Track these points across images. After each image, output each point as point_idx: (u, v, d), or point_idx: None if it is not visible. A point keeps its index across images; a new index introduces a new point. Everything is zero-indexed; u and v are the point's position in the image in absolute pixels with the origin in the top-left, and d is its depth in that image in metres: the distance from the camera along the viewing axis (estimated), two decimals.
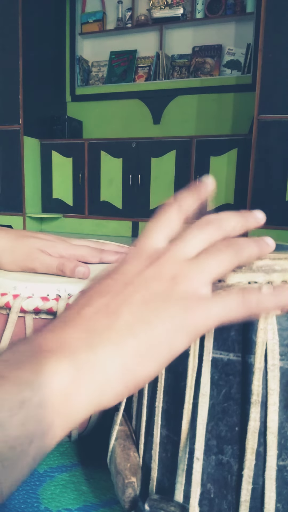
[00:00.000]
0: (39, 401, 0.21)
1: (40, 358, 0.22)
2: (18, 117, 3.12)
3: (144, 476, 0.35)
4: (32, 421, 0.20)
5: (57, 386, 0.22)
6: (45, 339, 0.24)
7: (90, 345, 0.24)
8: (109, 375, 0.24)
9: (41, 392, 0.21)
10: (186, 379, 0.30)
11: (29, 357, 0.22)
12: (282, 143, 2.59)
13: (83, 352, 0.23)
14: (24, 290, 0.43)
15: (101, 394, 0.23)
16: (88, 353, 0.23)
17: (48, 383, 0.21)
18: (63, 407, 0.22)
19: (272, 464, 0.28)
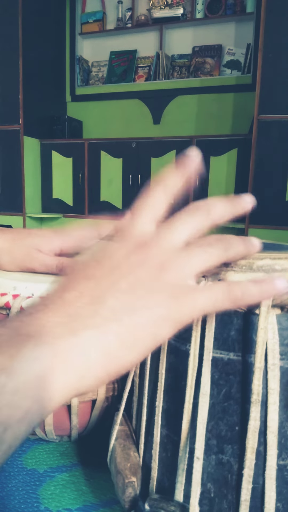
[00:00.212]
0: (14, 387, 0.20)
1: (16, 343, 0.22)
2: (18, 117, 3.12)
3: (144, 475, 0.35)
4: (6, 409, 0.20)
5: (34, 372, 0.21)
6: (23, 322, 0.23)
7: (71, 330, 0.23)
8: (90, 360, 0.23)
9: (16, 378, 0.20)
10: (186, 378, 0.30)
11: (5, 341, 0.22)
12: (282, 143, 2.59)
13: (63, 337, 0.23)
14: (24, 290, 0.44)
15: (81, 379, 0.23)
16: (69, 338, 0.23)
17: (24, 368, 0.21)
18: (40, 393, 0.21)
19: (272, 464, 0.28)
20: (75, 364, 0.23)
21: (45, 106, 3.43)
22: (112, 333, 0.24)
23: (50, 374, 0.22)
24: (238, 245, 0.28)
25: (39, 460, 0.49)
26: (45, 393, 0.22)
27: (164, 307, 0.25)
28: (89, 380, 0.23)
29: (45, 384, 0.22)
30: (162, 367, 0.33)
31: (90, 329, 0.23)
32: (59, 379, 0.22)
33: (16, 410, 0.20)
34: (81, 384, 0.23)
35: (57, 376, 0.22)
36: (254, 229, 2.68)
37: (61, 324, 0.23)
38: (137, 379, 0.40)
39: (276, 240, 0.43)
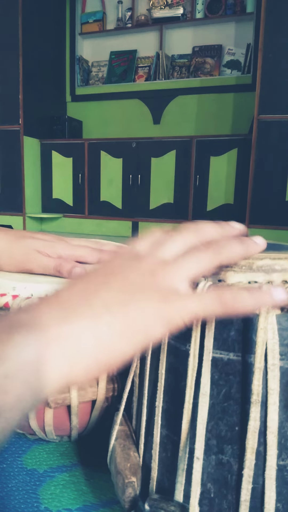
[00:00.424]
0: (5, 371, 0.20)
1: (9, 330, 0.22)
2: (18, 117, 3.12)
3: (144, 476, 0.35)
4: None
5: (25, 357, 0.21)
6: (17, 315, 0.24)
7: (64, 318, 0.24)
8: (81, 348, 0.24)
9: (7, 363, 0.21)
10: (186, 379, 0.30)
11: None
12: (282, 143, 2.59)
13: (55, 324, 0.23)
14: (23, 290, 0.44)
15: (72, 367, 0.23)
16: (61, 326, 0.23)
17: (16, 353, 0.21)
18: (31, 379, 0.22)
19: (272, 464, 0.28)
20: (67, 351, 0.23)
21: (45, 106, 3.43)
22: (104, 323, 0.24)
23: (42, 359, 0.22)
24: (231, 247, 0.28)
25: (39, 460, 0.49)
26: (37, 379, 0.22)
27: (155, 306, 0.26)
28: (81, 367, 0.24)
29: (37, 369, 0.22)
30: (162, 367, 0.33)
31: (83, 318, 0.24)
32: (51, 365, 0.23)
33: (8, 395, 0.20)
34: (73, 371, 0.24)
35: (49, 362, 0.22)
36: (254, 229, 2.68)
37: (54, 313, 0.24)
38: (137, 379, 0.40)
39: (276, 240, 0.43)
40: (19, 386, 0.21)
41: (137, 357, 0.39)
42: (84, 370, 0.24)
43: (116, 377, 0.47)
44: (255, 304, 0.26)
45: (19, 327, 0.22)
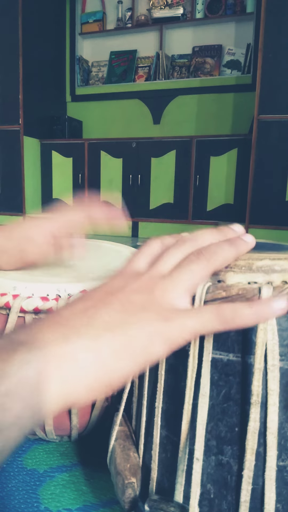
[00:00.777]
0: (5, 390, 0.20)
1: (9, 348, 0.22)
2: (18, 117, 3.12)
3: (144, 476, 0.35)
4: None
5: (25, 375, 0.21)
6: (19, 334, 0.24)
7: (64, 337, 0.24)
8: (82, 368, 0.23)
9: (7, 381, 0.21)
10: (186, 379, 0.30)
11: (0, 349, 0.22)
12: (282, 143, 2.58)
13: (56, 343, 0.23)
14: (24, 290, 0.44)
15: (73, 387, 0.23)
16: (62, 345, 0.23)
17: (16, 372, 0.21)
18: (31, 397, 0.22)
19: (272, 465, 0.28)
20: (67, 370, 0.23)
21: (45, 106, 3.43)
22: (104, 343, 0.24)
23: (41, 378, 0.22)
24: (223, 251, 0.28)
25: (39, 460, 0.49)
26: (37, 397, 0.22)
27: (155, 325, 0.25)
28: (81, 388, 0.24)
29: (36, 388, 0.22)
30: (162, 368, 0.33)
31: (83, 338, 0.24)
32: (50, 384, 0.22)
33: (7, 413, 0.20)
34: (72, 391, 0.23)
35: (49, 381, 0.22)
36: (254, 229, 2.68)
37: (54, 332, 0.24)
38: (137, 379, 0.40)
39: (276, 240, 0.44)
40: (18, 404, 0.21)
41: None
42: (84, 390, 0.24)
43: None
44: (255, 318, 0.26)
45: (20, 346, 0.22)
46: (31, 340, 0.23)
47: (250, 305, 0.26)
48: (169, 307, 0.26)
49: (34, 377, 0.22)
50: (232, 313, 0.26)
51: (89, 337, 0.24)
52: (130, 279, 0.29)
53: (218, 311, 0.26)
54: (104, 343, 0.24)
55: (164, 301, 0.27)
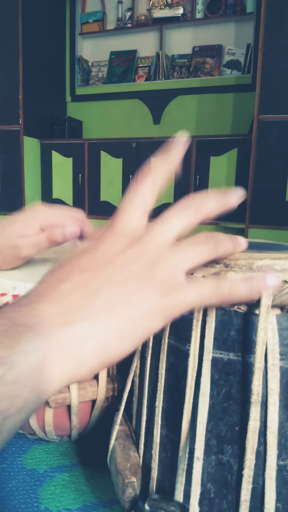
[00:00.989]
0: (13, 378, 0.21)
1: (14, 333, 0.22)
2: (18, 117, 3.12)
3: (144, 476, 0.35)
4: (6, 398, 0.20)
5: (32, 362, 0.22)
6: (19, 313, 0.24)
7: (68, 321, 0.24)
8: (86, 351, 0.24)
9: (15, 368, 0.21)
10: (186, 379, 0.30)
11: (3, 331, 0.22)
12: (282, 143, 2.59)
13: (60, 327, 0.24)
14: (24, 290, 0.43)
15: (76, 368, 0.24)
16: (66, 329, 0.24)
17: (23, 359, 0.21)
18: (38, 383, 0.22)
19: (272, 464, 0.28)
20: (71, 354, 0.24)
21: (45, 106, 3.43)
22: (107, 325, 0.25)
23: (47, 364, 0.22)
24: (227, 243, 0.29)
25: (39, 460, 0.49)
26: (43, 383, 0.22)
27: (156, 301, 0.26)
28: (84, 369, 0.24)
29: (43, 374, 0.22)
30: (162, 367, 0.33)
31: (86, 321, 0.24)
32: (56, 368, 0.23)
33: (15, 399, 0.21)
34: (76, 373, 0.24)
35: (54, 366, 0.23)
36: (254, 229, 2.68)
37: (57, 315, 0.24)
38: (137, 379, 0.40)
39: (276, 240, 0.44)
40: (26, 390, 0.21)
41: (137, 357, 0.39)
42: (87, 370, 0.25)
43: (116, 377, 0.47)
44: (249, 292, 0.26)
45: (24, 331, 0.22)
46: (35, 324, 0.23)
47: (245, 279, 0.27)
48: (170, 281, 0.26)
49: (39, 364, 0.22)
50: (229, 287, 0.26)
51: (92, 320, 0.24)
52: (127, 242, 0.27)
53: (217, 284, 0.26)
54: (106, 324, 0.24)
55: (166, 275, 0.26)
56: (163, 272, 0.26)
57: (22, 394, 0.21)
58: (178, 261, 0.27)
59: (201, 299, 0.26)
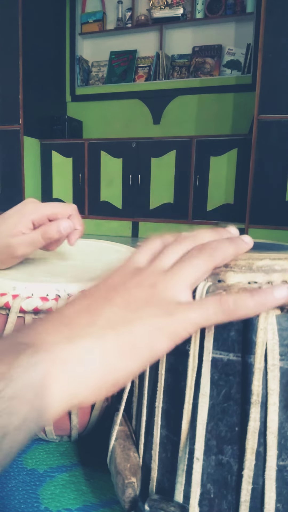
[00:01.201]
0: (12, 393, 0.20)
1: (14, 350, 0.22)
2: (18, 117, 3.12)
3: (144, 476, 0.35)
4: (4, 414, 0.20)
5: (31, 378, 0.21)
6: (23, 333, 0.24)
7: (68, 338, 0.24)
8: (87, 368, 0.23)
9: (14, 384, 0.21)
10: (186, 379, 0.30)
11: (4, 350, 0.22)
12: (282, 143, 2.58)
13: (60, 344, 0.23)
14: (24, 290, 0.43)
15: (78, 388, 0.23)
16: (66, 346, 0.23)
17: (22, 374, 0.21)
18: (37, 400, 0.22)
19: (272, 464, 0.28)
20: (72, 372, 0.23)
21: (45, 106, 3.43)
22: (109, 342, 0.24)
23: (47, 380, 0.22)
24: (224, 248, 0.28)
25: (39, 460, 0.49)
26: (43, 400, 0.22)
27: (158, 321, 0.25)
28: (87, 389, 0.24)
29: (42, 390, 0.22)
30: (162, 368, 0.33)
31: (88, 338, 0.24)
32: (56, 386, 0.22)
33: (14, 416, 0.20)
34: (77, 391, 0.23)
35: (55, 383, 0.22)
36: (254, 229, 2.68)
37: (59, 333, 0.24)
38: (137, 379, 0.40)
39: (276, 240, 0.44)
40: (25, 407, 0.21)
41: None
42: (89, 391, 0.24)
43: None
44: (257, 306, 0.26)
45: (24, 348, 0.22)
46: (36, 342, 0.23)
47: (251, 294, 0.26)
48: (171, 301, 0.26)
49: (39, 381, 0.22)
50: (234, 303, 0.26)
51: (93, 337, 0.24)
52: (130, 274, 0.28)
53: (221, 302, 0.26)
54: (108, 342, 0.24)
55: (166, 295, 0.26)
56: (162, 293, 0.26)
57: (21, 410, 0.21)
58: (175, 280, 0.27)
59: (205, 317, 0.26)
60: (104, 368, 0.24)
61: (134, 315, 0.25)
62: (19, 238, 0.45)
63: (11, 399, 0.20)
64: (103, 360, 0.24)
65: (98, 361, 0.24)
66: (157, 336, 0.25)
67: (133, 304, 0.26)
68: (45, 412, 0.22)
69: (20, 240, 0.45)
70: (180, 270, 0.27)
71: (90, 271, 0.51)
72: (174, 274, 0.27)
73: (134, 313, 0.25)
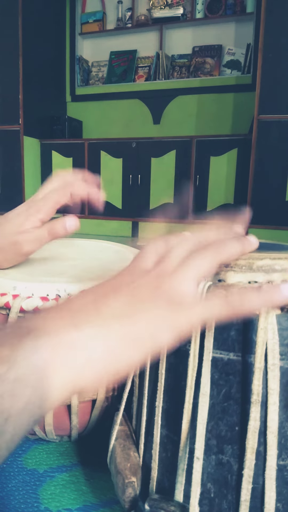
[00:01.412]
0: (15, 376, 0.21)
1: (18, 335, 0.22)
2: (18, 117, 3.12)
3: (144, 476, 0.35)
4: (7, 396, 0.20)
5: (34, 362, 0.22)
6: (29, 320, 0.24)
7: (73, 324, 0.24)
8: (90, 354, 0.24)
9: (17, 367, 0.21)
10: (186, 379, 0.30)
11: (10, 335, 0.22)
12: (282, 143, 2.58)
13: (64, 330, 0.24)
14: (24, 290, 0.43)
15: (81, 373, 0.23)
16: (70, 331, 0.24)
17: (25, 358, 0.21)
18: (40, 383, 0.22)
19: (272, 464, 0.28)
20: (75, 357, 0.23)
21: (45, 106, 3.43)
22: (113, 330, 0.25)
23: (50, 364, 0.22)
24: (230, 245, 0.28)
25: (39, 460, 0.49)
26: (45, 383, 0.22)
27: (163, 313, 0.26)
28: (89, 376, 0.24)
29: (45, 374, 0.22)
30: (162, 367, 0.33)
31: (92, 325, 0.24)
32: (59, 370, 0.23)
33: (17, 399, 0.21)
34: (80, 378, 0.24)
35: (57, 367, 0.23)
36: (254, 229, 2.68)
37: (64, 318, 0.24)
38: (137, 379, 0.40)
39: (276, 240, 0.44)
40: (27, 391, 0.21)
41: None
42: (92, 377, 0.24)
43: None
44: (263, 302, 0.26)
45: (28, 332, 0.23)
46: (39, 326, 0.23)
47: (258, 289, 0.26)
48: (177, 295, 0.26)
49: (42, 364, 0.22)
50: (240, 298, 0.26)
51: (97, 325, 0.24)
52: (137, 276, 0.28)
53: (227, 298, 0.26)
54: (112, 331, 0.24)
55: (172, 290, 0.26)
56: (168, 287, 0.26)
57: (24, 393, 0.21)
58: (182, 276, 0.27)
59: (211, 312, 0.26)
60: (106, 356, 0.24)
61: (139, 306, 0.26)
62: (25, 235, 0.46)
63: (14, 381, 0.20)
64: (106, 348, 0.24)
65: (100, 348, 0.24)
66: (161, 328, 0.25)
67: (139, 297, 0.26)
68: (47, 396, 0.22)
69: (26, 237, 0.46)
70: (187, 266, 0.27)
71: (90, 271, 0.51)
72: (180, 272, 0.27)
73: (138, 304, 0.26)
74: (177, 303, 0.26)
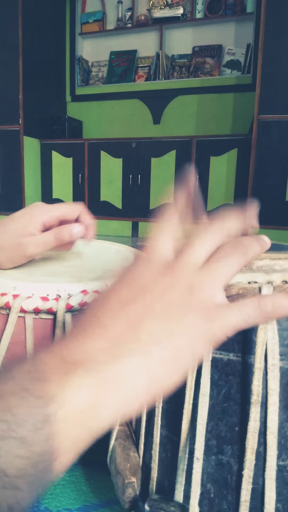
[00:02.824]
0: (64, 415, 0.20)
1: (64, 371, 0.22)
2: (18, 117, 3.12)
3: (144, 476, 0.35)
4: (57, 437, 0.20)
5: (82, 400, 0.21)
6: (68, 349, 0.24)
7: (115, 357, 0.23)
8: (136, 386, 0.23)
9: (66, 406, 0.20)
10: (186, 379, 0.30)
11: (53, 368, 0.22)
12: (282, 143, 2.59)
13: (108, 364, 0.23)
14: (24, 290, 0.43)
15: (127, 405, 0.23)
16: (114, 365, 0.23)
17: (74, 397, 0.21)
18: (88, 421, 0.22)
19: (272, 464, 0.28)
20: (121, 391, 0.23)
21: (45, 106, 3.43)
22: (154, 358, 0.24)
23: (98, 401, 0.22)
24: (254, 246, 0.28)
25: None
26: (93, 420, 0.22)
27: (199, 328, 0.25)
28: (134, 405, 0.24)
29: (93, 412, 0.22)
30: None
31: (134, 355, 0.24)
32: (106, 405, 0.22)
33: (65, 438, 0.20)
34: (127, 409, 0.23)
35: (105, 403, 0.22)
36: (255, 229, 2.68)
37: (105, 350, 0.24)
38: None
39: (276, 240, 0.43)
40: (76, 429, 0.21)
41: None
42: (137, 405, 0.24)
43: None
44: None
45: (74, 368, 0.22)
46: (83, 360, 0.23)
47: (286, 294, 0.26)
48: (210, 304, 0.26)
49: (90, 401, 0.22)
50: (272, 305, 0.25)
51: (139, 354, 0.24)
52: (162, 269, 0.27)
53: (259, 304, 0.25)
54: (153, 358, 0.24)
55: (204, 297, 0.26)
56: (200, 295, 0.26)
57: (72, 432, 0.21)
58: (212, 281, 0.26)
59: (245, 319, 0.25)
60: (150, 383, 0.24)
61: (175, 323, 0.25)
62: (31, 238, 0.46)
63: (63, 421, 0.20)
64: (150, 377, 0.24)
65: (145, 378, 0.24)
66: (198, 343, 0.25)
67: (172, 312, 0.25)
68: (94, 431, 0.22)
69: (32, 240, 0.46)
70: (217, 269, 0.26)
71: (90, 271, 0.51)
72: (210, 273, 0.26)
73: (174, 321, 0.25)
74: (212, 314, 0.25)
